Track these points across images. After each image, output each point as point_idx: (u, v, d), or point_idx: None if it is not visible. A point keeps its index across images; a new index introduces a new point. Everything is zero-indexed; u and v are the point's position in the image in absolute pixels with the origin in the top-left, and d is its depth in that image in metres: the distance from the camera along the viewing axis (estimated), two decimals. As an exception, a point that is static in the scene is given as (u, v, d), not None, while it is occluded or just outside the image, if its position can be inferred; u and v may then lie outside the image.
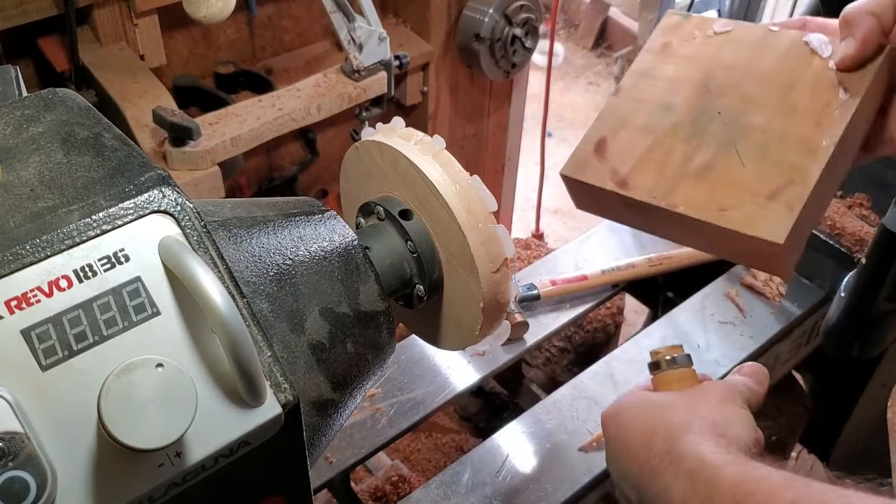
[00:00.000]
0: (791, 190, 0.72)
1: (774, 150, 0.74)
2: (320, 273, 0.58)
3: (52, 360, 0.41)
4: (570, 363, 1.67)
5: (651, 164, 0.77)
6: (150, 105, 1.43)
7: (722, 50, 0.82)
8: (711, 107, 0.79)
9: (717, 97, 0.79)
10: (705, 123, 0.78)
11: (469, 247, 0.61)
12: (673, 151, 0.77)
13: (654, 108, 0.81)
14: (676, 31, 0.86)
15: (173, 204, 0.46)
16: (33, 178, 0.46)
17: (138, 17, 1.55)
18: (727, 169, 0.75)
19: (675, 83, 0.82)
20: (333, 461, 1.09)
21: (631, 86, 0.84)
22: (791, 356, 1.40)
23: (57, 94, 0.52)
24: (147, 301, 0.44)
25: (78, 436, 0.41)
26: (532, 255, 1.64)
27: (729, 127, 0.77)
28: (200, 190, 1.44)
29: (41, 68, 1.57)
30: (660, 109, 0.80)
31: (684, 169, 0.75)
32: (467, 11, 1.91)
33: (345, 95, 1.63)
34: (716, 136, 0.77)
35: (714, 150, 0.76)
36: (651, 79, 0.83)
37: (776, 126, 0.76)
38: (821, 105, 0.75)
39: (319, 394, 0.56)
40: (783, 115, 0.76)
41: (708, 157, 0.75)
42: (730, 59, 0.81)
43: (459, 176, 0.62)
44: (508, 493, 1.05)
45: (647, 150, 0.78)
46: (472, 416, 1.69)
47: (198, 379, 0.43)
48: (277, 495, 0.51)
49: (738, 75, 0.80)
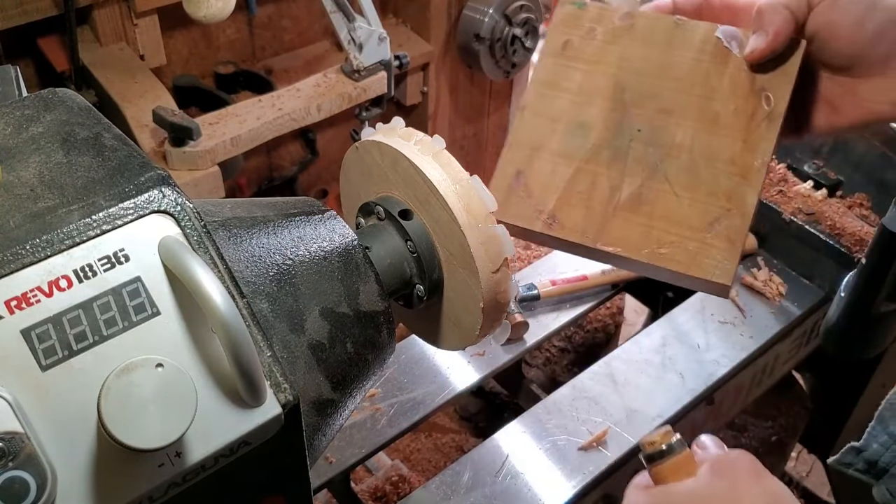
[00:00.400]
0: (729, 222, 0.69)
1: (704, 173, 0.71)
2: (320, 273, 0.58)
3: (52, 360, 0.41)
4: (570, 363, 1.67)
5: (576, 198, 0.72)
6: (150, 105, 1.43)
7: (629, 50, 0.76)
8: (629, 123, 0.74)
9: (633, 109, 0.74)
10: (626, 144, 0.73)
11: (469, 247, 0.61)
12: (597, 181, 0.72)
13: (567, 127, 0.75)
14: (574, 26, 0.79)
15: (173, 204, 0.46)
16: (33, 178, 0.46)
17: (138, 17, 1.55)
18: (659, 200, 0.71)
19: (585, 95, 0.76)
20: (333, 461, 1.09)
21: (537, 101, 0.77)
22: (791, 356, 1.40)
23: (57, 94, 0.52)
24: (147, 301, 0.44)
25: (78, 436, 0.41)
26: (532, 255, 1.64)
27: (651, 147, 0.73)
28: (200, 190, 1.44)
29: (41, 68, 1.57)
30: (574, 129, 0.75)
31: (613, 202, 0.71)
32: (467, 11, 1.91)
33: (345, 95, 1.63)
34: (640, 161, 0.72)
35: (641, 177, 0.72)
36: (558, 90, 0.77)
37: (701, 143, 0.72)
38: (745, 118, 0.72)
39: (319, 394, 0.56)
40: (706, 130, 0.72)
41: (636, 187, 0.71)
42: (639, 61, 0.76)
43: (459, 176, 0.62)
44: (508, 493, 1.05)
45: (569, 181, 0.73)
46: (472, 416, 1.69)
47: (198, 379, 0.43)
48: (277, 495, 0.51)
49: (652, 82, 0.75)
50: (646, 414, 1.14)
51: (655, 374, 1.19)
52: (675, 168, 0.71)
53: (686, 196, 0.70)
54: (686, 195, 0.70)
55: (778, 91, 0.72)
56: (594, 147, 0.74)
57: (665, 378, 1.18)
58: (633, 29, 0.77)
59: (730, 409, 1.35)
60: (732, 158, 0.71)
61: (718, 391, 1.21)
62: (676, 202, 0.70)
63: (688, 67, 0.74)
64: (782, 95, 0.72)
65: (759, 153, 0.70)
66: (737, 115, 0.72)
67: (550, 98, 0.76)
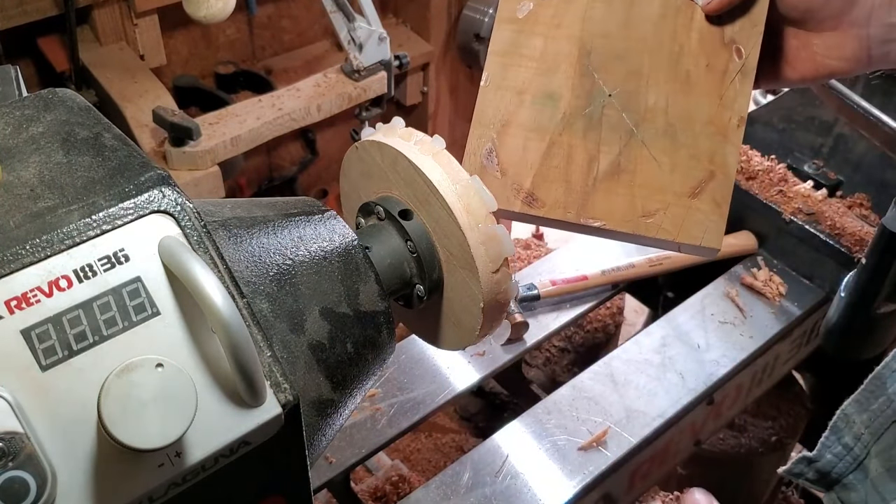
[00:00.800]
0: (714, 184, 0.67)
1: (683, 136, 0.69)
2: (320, 273, 0.58)
3: (52, 360, 0.41)
4: (570, 363, 1.67)
5: (554, 173, 0.70)
6: (150, 105, 1.43)
7: (590, 9, 0.72)
8: (599, 88, 0.70)
9: (602, 73, 0.71)
10: (598, 111, 0.70)
11: (469, 247, 0.61)
12: (573, 154, 0.70)
13: (535, 98, 0.71)
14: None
15: (173, 204, 0.46)
16: (33, 178, 0.46)
17: (138, 17, 1.55)
18: (639, 168, 0.68)
19: (548, 62, 0.72)
20: (333, 461, 1.09)
21: (497, 73, 0.72)
22: (791, 356, 1.40)
23: (57, 94, 0.52)
24: (147, 301, 0.44)
25: (78, 436, 0.41)
26: (532, 255, 1.64)
27: (626, 112, 0.70)
28: (200, 190, 1.44)
29: (41, 68, 1.57)
30: (543, 99, 0.71)
31: (592, 173, 0.69)
32: (467, 11, 1.91)
33: (345, 95, 1.63)
34: (615, 129, 0.69)
35: (618, 145, 0.69)
36: (519, 59, 0.72)
37: (676, 105, 0.69)
38: (717, 75, 0.69)
39: (319, 394, 0.56)
40: (680, 90, 0.70)
41: (614, 156, 0.69)
42: (601, 22, 0.72)
43: (459, 176, 0.62)
44: (508, 493, 1.05)
45: (544, 156, 0.70)
46: (472, 416, 1.69)
47: (198, 379, 0.43)
48: (277, 495, 0.51)
49: (617, 44, 0.71)
50: (646, 414, 1.14)
51: (655, 374, 1.19)
52: (651, 132, 0.69)
53: (666, 161, 0.68)
54: (666, 160, 0.68)
55: (748, 42, 0.70)
56: (565, 117, 0.70)
57: (665, 378, 1.18)
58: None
59: (730, 409, 1.35)
60: (710, 118, 0.69)
61: (718, 391, 1.21)
62: (657, 168, 0.68)
63: (653, 25, 0.72)
64: (753, 46, 0.70)
65: (737, 110, 0.69)
66: (709, 72, 0.70)
67: (513, 68, 0.72)
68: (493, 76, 0.72)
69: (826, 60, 0.72)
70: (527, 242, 1.75)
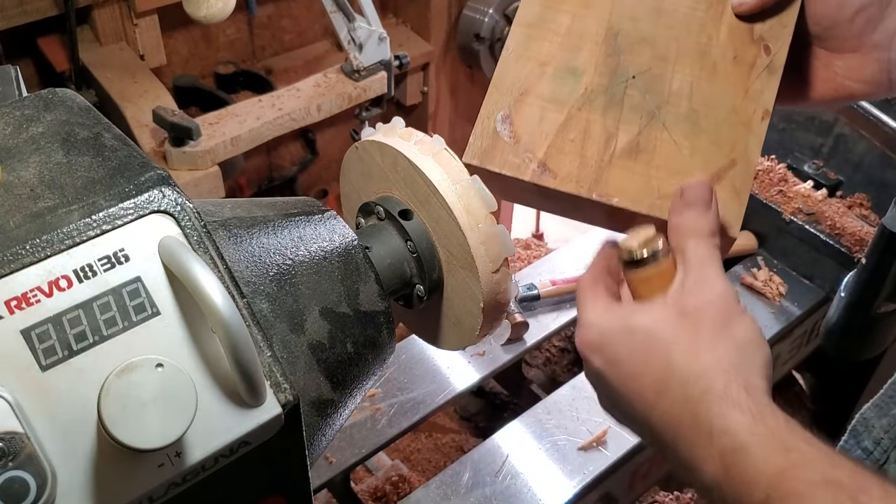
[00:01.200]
0: (734, 172, 0.66)
1: (705, 122, 0.68)
2: (320, 273, 0.58)
3: (52, 360, 0.41)
4: (570, 363, 1.67)
5: (569, 146, 0.68)
6: (150, 105, 1.43)
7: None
8: (624, 69, 0.70)
9: (628, 55, 0.70)
10: (621, 90, 0.69)
11: (469, 247, 0.61)
12: (591, 129, 0.68)
13: (556, 71, 0.70)
14: None
15: (173, 204, 0.46)
16: (33, 178, 0.46)
17: (138, 17, 1.55)
18: (658, 149, 0.67)
19: (574, 39, 0.71)
20: (333, 461, 1.09)
21: (521, 43, 0.72)
22: (791, 356, 1.40)
23: (57, 94, 0.52)
24: (147, 301, 0.44)
25: (78, 436, 0.41)
26: (532, 255, 1.64)
27: (648, 94, 0.69)
28: (200, 190, 1.44)
29: (41, 68, 1.57)
30: (564, 73, 0.70)
31: (609, 150, 0.67)
32: (467, 11, 1.91)
33: (345, 95, 1.63)
34: (637, 109, 0.68)
35: (638, 125, 0.68)
36: (544, 33, 0.72)
37: (701, 91, 0.69)
38: (745, 67, 0.69)
39: (319, 394, 0.56)
40: (706, 78, 0.69)
41: (633, 135, 0.68)
42: (631, 6, 0.72)
43: (459, 176, 0.62)
44: (508, 493, 1.05)
45: (561, 127, 0.68)
46: (472, 416, 1.69)
47: (198, 379, 0.43)
48: (277, 495, 0.51)
49: (646, 28, 0.71)
50: (646, 414, 1.13)
51: (655, 374, 1.19)
52: (673, 116, 0.68)
53: (687, 145, 0.67)
54: (687, 144, 0.67)
55: (777, 41, 0.70)
56: (587, 93, 0.69)
57: (665, 378, 1.18)
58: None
59: (730, 409, 1.34)
60: (734, 108, 0.68)
61: (718, 391, 1.21)
62: (677, 151, 0.67)
63: (683, 15, 0.72)
64: (782, 45, 0.69)
65: (762, 103, 0.68)
66: (736, 64, 0.69)
67: (537, 40, 0.72)
68: (517, 46, 0.71)
69: (846, 82, 0.72)
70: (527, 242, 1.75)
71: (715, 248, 0.62)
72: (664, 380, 0.58)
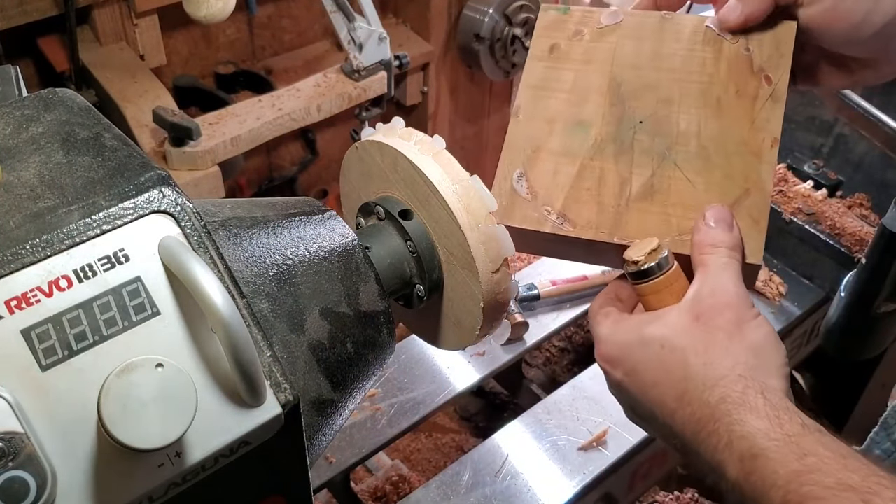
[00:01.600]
0: (750, 201, 0.67)
1: (716, 157, 0.69)
2: (320, 273, 0.58)
3: (52, 360, 0.41)
4: (570, 363, 1.67)
5: (585, 195, 0.69)
6: (150, 105, 1.43)
7: (620, 47, 0.75)
8: (630, 115, 0.72)
9: (632, 102, 0.72)
10: (629, 136, 0.71)
11: (469, 247, 0.61)
12: (605, 177, 0.70)
13: (565, 126, 0.73)
14: (559, 29, 0.77)
15: (173, 204, 0.46)
16: (33, 178, 0.46)
17: (138, 17, 1.55)
18: (672, 188, 0.69)
19: (579, 93, 0.74)
20: (333, 461, 1.09)
21: (530, 104, 0.74)
22: (791, 356, 1.40)
23: (57, 94, 0.52)
24: (147, 301, 0.44)
25: (78, 436, 0.41)
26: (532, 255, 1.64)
27: (657, 137, 0.71)
28: (200, 190, 1.44)
29: (41, 68, 1.57)
30: (573, 127, 0.72)
31: (624, 194, 0.69)
32: (467, 11, 1.91)
33: (345, 95, 1.63)
34: (647, 152, 0.70)
35: (650, 168, 0.70)
36: (550, 91, 0.75)
37: (708, 128, 0.70)
38: (748, 100, 0.70)
39: (319, 394, 0.56)
40: (711, 115, 0.71)
41: (646, 178, 0.69)
42: (632, 56, 0.74)
43: (459, 176, 0.62)
44: (508, 493, 1.05)
45: (575, 178, 0.70)
46: (472, 416, 1.69)
47: (198, 379, 0.43)
48: (277, 495, 0.51)
49: (648, 74, 0.73)
50: (646, 414, 1.13)
51: (655, 374, 1.19)
52: (684, 155, 0.70)
53: (700, 181, 0.68)
54: (700, 180, 0.68)
55: (777, 70, 0.71)
56: (597, 143, 0.72)
57: (665, 378, 1.18)
58: (621, 27, 0.76)
59: (730, 409, 1.35)
60: (743, 139, 0.69)
61: (718, 391, 1.21)
62: (691, 188, 0.68)
63: (682, 58, 0.73)
64: (782, 74, 0.71)
65: (770, 131, 0.69)
66: (740, 98, 0.71)
67: (544, 99, 0.74)
68: (525, 107, 0.74)
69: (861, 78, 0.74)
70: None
71: (734, 261, 0.63)
72: (683, 387, 0.60)
